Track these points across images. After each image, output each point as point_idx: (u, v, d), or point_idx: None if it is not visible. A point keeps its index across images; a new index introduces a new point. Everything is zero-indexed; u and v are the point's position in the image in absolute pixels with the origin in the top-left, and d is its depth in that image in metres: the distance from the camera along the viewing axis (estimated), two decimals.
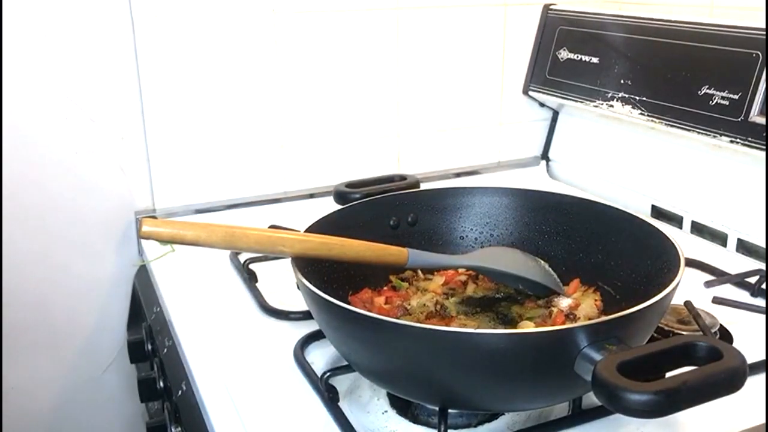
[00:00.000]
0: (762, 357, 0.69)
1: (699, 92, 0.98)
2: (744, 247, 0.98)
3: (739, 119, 0.93)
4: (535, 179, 1.30)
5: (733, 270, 0.89)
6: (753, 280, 0.86)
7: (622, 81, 1.11)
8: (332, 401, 0.66)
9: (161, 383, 0.86)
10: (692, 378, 0.47)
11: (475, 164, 1.32)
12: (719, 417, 0.62)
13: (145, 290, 1.01)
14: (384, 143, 1.24)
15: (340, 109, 1.19)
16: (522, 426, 0.63)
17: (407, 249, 0.71)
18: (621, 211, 0.76)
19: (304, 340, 0.76)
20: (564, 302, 0.72)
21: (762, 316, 0.79)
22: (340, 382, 0.68)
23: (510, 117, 1.33)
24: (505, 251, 0.79)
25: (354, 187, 0.88)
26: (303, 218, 0.73)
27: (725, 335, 0.75)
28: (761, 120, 0.90)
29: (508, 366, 0.55)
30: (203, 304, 0.87)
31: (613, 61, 1.14)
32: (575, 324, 0.58)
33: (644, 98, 1.07)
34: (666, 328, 0.73)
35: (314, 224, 0.72)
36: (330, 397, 0.66)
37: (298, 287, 0.63)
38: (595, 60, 1.17)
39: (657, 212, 1.10)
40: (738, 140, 0.93)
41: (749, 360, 0.49)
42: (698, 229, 1.04)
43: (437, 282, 0.79)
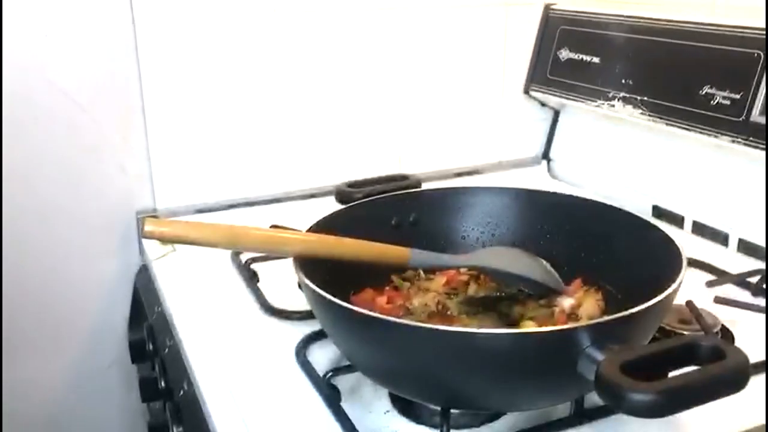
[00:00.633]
0: (763, 357, 0.69)
1: (700, 92, 0.98)
2: (745, 247, 0.98)
3: (741, 119, 0.93)
4: (536, 179, 1.30)
5: (735, 270, 0.89)
6: (754, 280, 0.86)
7: (623, 81, 1.11)
8: (334, 401, 0.66)
9: (163, 383, 0.86)
10: (696, 378, 0.47)
11: (476, 164, 1.32)
12: (720, 417, 0.62)
13: (147, 290, 1.01)
14: (385, 143, 1.24)
15: (342, 109, 1.19)
16: (524, 426, 0.63)
17: (409, 249, 0.71)
18: (622, 211, 0.76)
19: (306, 340, 0.76)
20: (566, 302, 0.72)
21: (763, 316, 0.79)
22: (342, 382, 0.68)
23: (511, 117, 1.33)
24: (507, 251, 0.78)
25: (355, 187, 0.88)
26: (304, 218, 0.73)
27: (727, 335, 0.75)
28: (762, 120, 0.90)
29: (511, 366, 0.55)
30: (205, 304, 0.87)
31: (614, 61, 1.13)
32: (578, 324, 0.58)
33: (645, 98, 1.07)
34: (668, 328, 0.73)
35: (316, 224, 0.72)
36: (332, 397, 0.66)
37: (300, 287, 0.63)
38: (596, 60, 1.17)
39: (658, 212, 1.10)
40: (739, 140, 0.93)
41: (751, 360, 0.49)
42: (699, 229, 1.04)
43: (439, 282, 0.79)
